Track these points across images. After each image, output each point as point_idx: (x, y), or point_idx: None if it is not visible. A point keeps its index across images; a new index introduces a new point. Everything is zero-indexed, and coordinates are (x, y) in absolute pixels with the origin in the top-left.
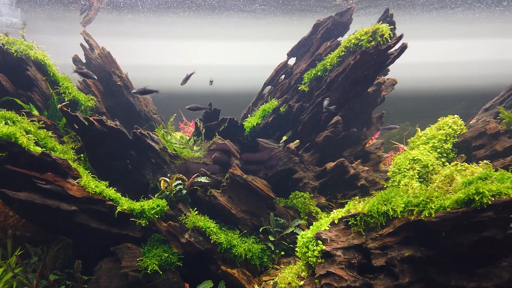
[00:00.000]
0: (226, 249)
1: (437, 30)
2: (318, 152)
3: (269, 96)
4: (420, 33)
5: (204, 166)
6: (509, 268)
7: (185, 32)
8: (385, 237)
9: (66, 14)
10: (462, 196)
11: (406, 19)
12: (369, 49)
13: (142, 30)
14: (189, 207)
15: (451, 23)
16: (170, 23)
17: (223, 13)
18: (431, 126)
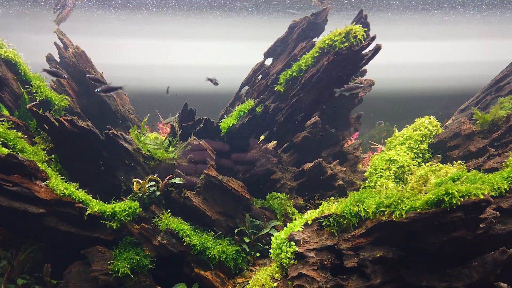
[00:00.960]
0: (200, 251)
1: (414, 32)
2: (297, 152)
3: (246, 96)
4: (397, 35)
5: (179, 167)
6: (479, 268)
7: (162, 31)
8: (357, 238)
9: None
10: (432, 197)
11: (382, 20)
12: (342, 50)
13: (120, 28)
14: (163, 209)
15: (428, 25)
16: (147, 21)
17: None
18: (408, 126)
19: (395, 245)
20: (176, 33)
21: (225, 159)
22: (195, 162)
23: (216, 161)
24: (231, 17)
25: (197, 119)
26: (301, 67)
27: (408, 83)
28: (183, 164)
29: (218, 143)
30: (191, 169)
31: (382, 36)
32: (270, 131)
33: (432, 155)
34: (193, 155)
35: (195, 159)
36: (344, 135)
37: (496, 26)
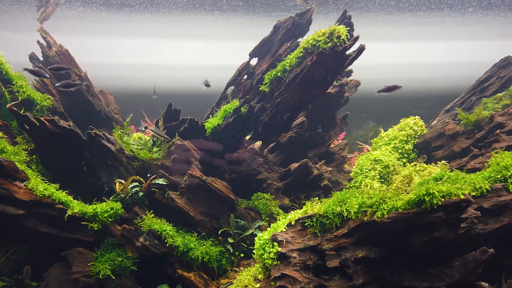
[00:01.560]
0: (183, 252)
1: (402, 33)
2: (283, 153)
3: (232, 96)
4: (386, 36)
5: (162, 167)
6: (460, 267)
7: (148, 30)
8: (339, 238)
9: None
10: (413, 197)
11: (370, 21)
12: (326, 50)
13: (106, 27)
14: (146, 210)
15: (415, 26)
16: (130, 21)
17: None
18: (394, 127)
19: (377, 245)
20: (161, 32)
21: (211, 159)
22: (180, 163)
23: (203, 161)
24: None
25: (182, 119)
26: (285, 67)
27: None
28: (167, 165)
29: (208, 143)
30: (175, 169)
31: (370, 37)
32: (255, 131)
33: (417, 155)
34: (177, 155)
35: (179, 159)
36: (330, 135)
37: (481, 28)
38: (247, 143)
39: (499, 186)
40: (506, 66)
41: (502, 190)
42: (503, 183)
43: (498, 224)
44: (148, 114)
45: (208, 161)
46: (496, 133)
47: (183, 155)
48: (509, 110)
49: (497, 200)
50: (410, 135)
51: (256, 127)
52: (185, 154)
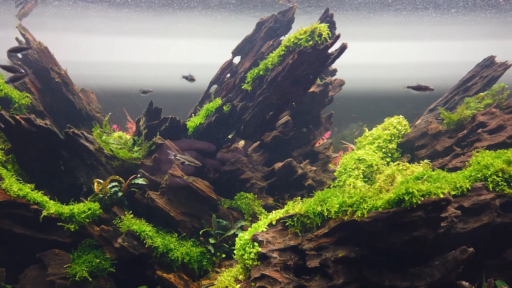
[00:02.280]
0: (163, 253)
1: (388, 32)
2: (268, 152)
3: (215, 95)
4: (373, 35)
5: (143, 167)
6: (440, 267)
7: (131, 28)
8: (320, 237)
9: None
10: (393, 196)
11: (357, 20)
12: (307, 48)
13: (88, 25)
14: (126, 210)
15: (399, 25)
16: (114, 18)
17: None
18: (378, 126)
19: (358, 245)
20: (146, 30)
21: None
22: (160, 162)
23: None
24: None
25: (163, 117)
26: (267, 66)
27: (383, 83)
28: (148, 164)
29: (200, 143)
30: (156, 169)
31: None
32: (237, 130)
33: (401, 154)
34: (157, 155)
35: (160, 159)
36: (315, 134)
37: (465, 28)
38: (231, 142)
39: (480, 185)
40: (489, 66)
41: (483, 189)
42: (484, 182)
43: (478, 223)
44: (132, 113)
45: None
46: (478, 132)
47: (164, 154)
48: (491, 110)
49: (477, 199)
50: (394, 134)
51: (238, 126)
52: (166, 153)
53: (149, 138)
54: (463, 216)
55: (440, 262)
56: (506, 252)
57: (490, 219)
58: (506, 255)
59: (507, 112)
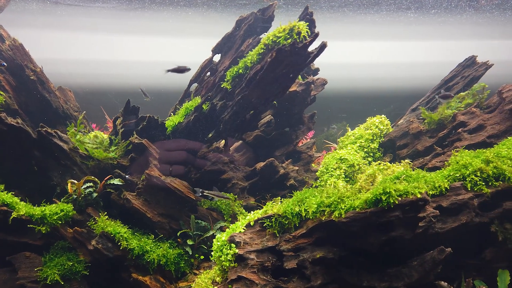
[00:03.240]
0: (138, 255)
1: (370, 32)
2: (250, 152)
3: (195, 94)
4: (354, 34)
5: (119, 167)
6: (418, 267)
7: (111, 25)
8: (298, 238)
9: None
10: (370, 196)
11: (343, 20)
12: (285, 46)
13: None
14: (101, 212)
15: (383, 25)
16: (93, 15)
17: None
18: (360, 126)
19: (336, 245)
20: (127, 27)
21: (171, 157)
22: (137, 162)
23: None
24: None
25: (141, 116)
26: (246, 64)
27: (368, 82)
28: (124, 164)
29: (192, 143)
30: (133, 169)
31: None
32: (216, 129)
33: (383, 154)
34: (134, 154)
35: (136, 158)
36: (297, 134)
37: (448, 28)
38: (211, 141)
39: (458, 185)
40: (470, 66)
41: (461, 189)
42: (462, 181)
43: (457, 223)
44: (113, 112)
45: (168, 160)
46: (458, 132)
47: (141, 154)
48: (471, 109)
49: (456, 198)
50: (376, 134)
51: (218, 125)
52: (143, 153)
53: (127, 138)
54: (441, 216)
55: (418, 262)
56: (485, 252)
57: (468, 218)
58: (484, 255)
59: (487, 111)
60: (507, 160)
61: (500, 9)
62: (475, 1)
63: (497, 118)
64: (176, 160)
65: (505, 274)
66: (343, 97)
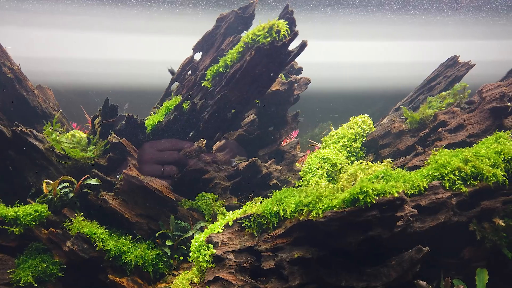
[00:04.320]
0: (115, 256)
1: (357, 31)
2: (232, 151)
3: (176, 92)
4: (339, 34)
5: (96, 166)
6: (397, 266)
7: (94, 23)
8: (276, 238)
9: None
10: (348, 195)
11: (319, 19)
12: (264, 45)
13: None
14: (78, 212)
15: (369, 25)
16: (76, 13)
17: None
18: (343, 125)
19: (315, 245)
20: (110, 25)
21: (152, 157)
22: (116, 162)
23: (148, 161)
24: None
25: (119, 115)
26: (227, 63)
27: (354, 82)
28: (102, 164)
29: (184, 143)
30: (111, 169)
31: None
32: (196, 128)
33: (365, 153)
34: (112, 154)
35: (114, 158)
36: (281, 133)
37: (432, 28)
38: (192, 141)
39: (437, 184)
40: (452, 66)
41: (439, 188)
42: (441, 180)
43: (435, 222)
44: (93, 111)
45: (148, 159)
46: (439, 131)
47: (120, 154)
48: (452, 109)
49: (434, 198)
50: (359, 133)
51: (198, 125)
52: (122, 152)
53: (106, 137)
54: (420, 215)
55: (397, 261)
56: (463, 251)
57: (446, 218)
58: (463, 254)
59: (467, 111)
60: (485, 159)
61: (480, 10)
62: (456, 3)
63: (477, 117)
64: (161, 160)
65: (484, 273)
66: (331, 97)
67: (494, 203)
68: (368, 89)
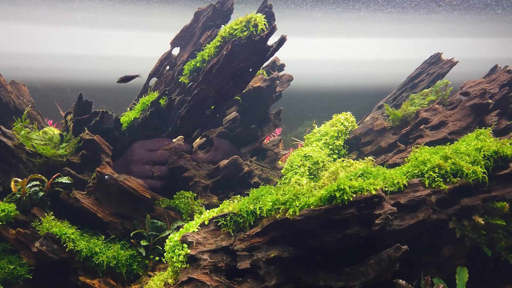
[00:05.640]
0: (87, 257)
1: (341, 28)
2: (213, 149)
3: (154, 88)
4: (325, 31)
5: (68, 164)
6: (375, 265)
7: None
8: (252, 237)
9: None
10: (325, 193)
11: (305, 16)
12: (241, 39)
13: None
14: (48, 212)
15: (355, 22)
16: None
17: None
18: (326, 123)
19: (292, 244)
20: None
21: (129, 155)
22: (89, 159)
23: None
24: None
25: (94, 111)
26: (204, 57)
27: (340, 80)
28: (75, 162)
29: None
30: (84, 167)
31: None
32: (173, 125)
33: (348, 151)
34: (85, 151)
35: (88, 156)
36: (263, 131)
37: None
38: (169, 138)
39: (416, 181)
40: (435, 63)
41: (419, 185)
42: (420, 178)
43: (414, 220)
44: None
45: (126, 157)
46: (421, 129)
47: (93, 151)
48: (434, 106)
49: (414, 195)
50: (341, 131)
51: (176, 122)
52: (95, 150)
53: (78, 134)
54: (399, 213)
55: (375, 260)
56: (443, 249)
57: (426, 215)
58: (443, 252)
59: (449, 108)
60: (465, 156)
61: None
62: (435, 2)
63: (459, 114)
64: (138, 158)
65: (464, 271)
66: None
67: (474, 200)
68: (354, 87)
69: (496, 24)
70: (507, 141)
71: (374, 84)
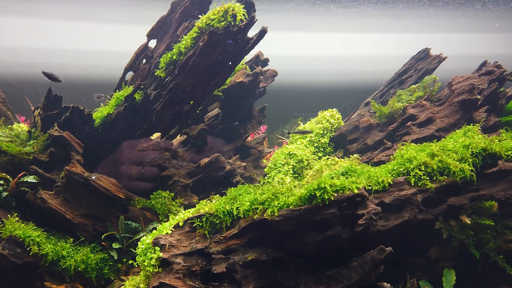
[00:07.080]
0: (53, 261)
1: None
2: (195, 147)
3: (130, 83)
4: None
5: (35, 162)
6: (358, 268)
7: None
8: (229, 239)
9: None
10: (304, 192)
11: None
12: (218, 29)
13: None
14: (13, 213)
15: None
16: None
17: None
18: (311, 120)
19: (271, 246)
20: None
21: (101, 153)
22: (58, 157)
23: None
24: None
25: (64, 106)
26: (180, 50)
27: (327, 76)
28: (43, 160)
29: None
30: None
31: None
32: (149, 121)
33: (333, 149)
34: (54, 149)
35: (56, 153)
36: (246, 128)
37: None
38: (144, 135)
39: (401, 180)
40: (423, 59)
41: (404, 184)
42: (406, 176)
43: (399, 220)
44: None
45: (98, 155)
46: (408, 125)
47: (62, 148)
48: (421, 102)
49: (399, 194)
50: (327, 128)
51: (151, 117)
52: (65, 147)
53: (46, 130)
54: (384, 213)
55: (358, 263)
56: (430, 250)
57: (411, 215)
58: (430, 253)
59: (437, 104)
60: (452, 154)
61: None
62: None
63: (446, 111)
64: (114, 156)
65: (451, 273)
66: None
67: (461, 199)
68: (342, 84)
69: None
70: (495, 138)
71: (362, 81)
